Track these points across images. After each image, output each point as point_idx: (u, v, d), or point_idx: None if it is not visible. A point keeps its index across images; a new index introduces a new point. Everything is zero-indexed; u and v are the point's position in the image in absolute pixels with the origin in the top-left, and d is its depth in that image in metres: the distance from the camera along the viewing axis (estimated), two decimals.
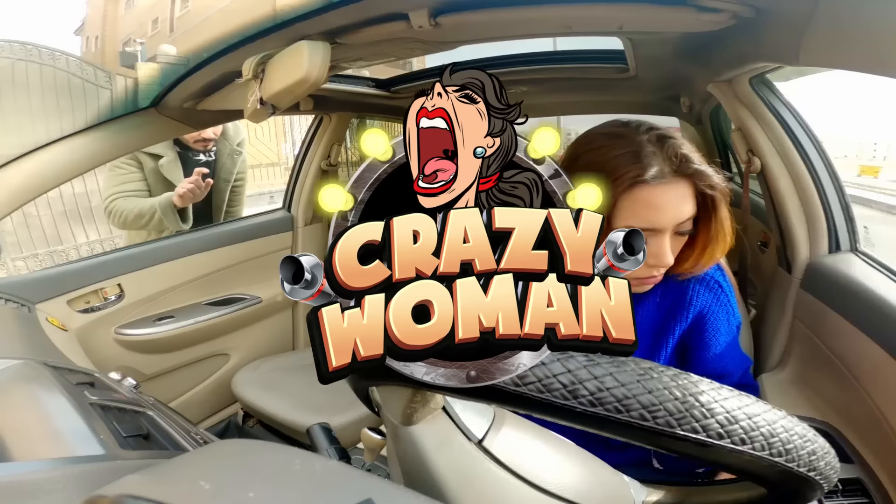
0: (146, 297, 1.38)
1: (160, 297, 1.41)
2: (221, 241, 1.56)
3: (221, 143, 1.83)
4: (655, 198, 0.61)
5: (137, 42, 1.01)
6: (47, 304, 1.19)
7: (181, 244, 1.48)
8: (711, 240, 0.66)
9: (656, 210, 0.61)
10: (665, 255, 0.63)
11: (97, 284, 1.29)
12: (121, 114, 0.98)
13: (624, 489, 0.42)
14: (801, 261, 1.01)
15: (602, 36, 1.12)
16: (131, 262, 1.36)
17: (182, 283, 1.45)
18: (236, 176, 1.90)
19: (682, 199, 0.61)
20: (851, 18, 0.57)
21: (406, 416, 0.37)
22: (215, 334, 1.54)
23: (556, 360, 0.28)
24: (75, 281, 1.26)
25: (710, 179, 0.61)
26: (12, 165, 0.90)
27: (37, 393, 0.52)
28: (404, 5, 0.77)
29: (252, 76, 0.84)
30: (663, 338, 0.73)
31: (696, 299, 0.71)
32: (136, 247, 1.46)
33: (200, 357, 1.52)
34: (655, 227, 0.62)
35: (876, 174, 7.34)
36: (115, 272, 1.32)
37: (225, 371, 1.59)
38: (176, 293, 1.45)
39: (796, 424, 0.30)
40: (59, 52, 0.96)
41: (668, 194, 0.61)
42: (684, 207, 0.62)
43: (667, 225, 0.62)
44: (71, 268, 1.31)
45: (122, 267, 1.34)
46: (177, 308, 1.45)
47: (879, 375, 0.75)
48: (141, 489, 0.23)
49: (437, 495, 0.36)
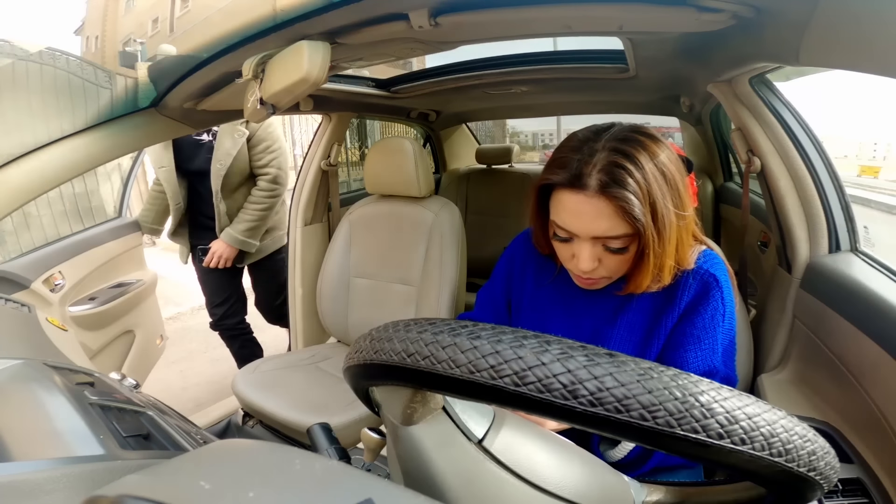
0: (78, 280, 1.60)
1: (86, 280, 1.64)
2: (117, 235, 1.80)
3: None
4: (569, 204, 0.64)
5: (137, 42, 1.01)
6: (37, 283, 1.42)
7: (95, 237, 1.73)
8: (640, 268, 0.67)
9: (568, 215, 0.64)
10: (580, 260, 0.66)
11: (50, 271, 1.51)
12: (121, 114, 0.98)
13: (624, 489, 0.43)
14: (801, 261, 1.01)
15: (602, 36, 1.12)
16: (62, 253, 1.58)
17: (95, 268, 1.69)
18: (256, 161, 1.83)
19: (596, 214, 0.62)
20: (851, 18, 0.57)
21: (406, 416, 0.37)
22: (126, 311, 1.77)
23: (556, 359, 0.28)
24: (41, 266, 1.47)
25: (632, 211, 0.60)
26: (12, 165, 0.90)
27: (37, 393, 0.52)
28: (404, 5, 0.77)
29: (252, 76, 0.83)
30: (655, 331, 0.74)
31: (688, 292, 0.71)
32: (68, 237, 1.68)
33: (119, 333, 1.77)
34: (570, 231, 0.65)
35: (876, 174, 7.34)
36: (55, 262, 1.54)
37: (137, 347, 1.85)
38: (93, 278, 1.68)
39: (796, 424, 0.30)
40: (59, 51, 0.96)
41: (582, 205, 0.62)
42: (599, 223, 0.62)
43: (579, 233, 0.65)
44: (31, 256, 1.50)
45: (59, 257, 1.56)
46: (98, 289, 1.69)
47: (879, 375, 0.75)
48: (141, 489, 0.23)
49: (437, 495, 0.36)
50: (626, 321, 0.75)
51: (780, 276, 1.09)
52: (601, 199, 0.61)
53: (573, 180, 0.62)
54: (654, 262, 0.64)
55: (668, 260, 0.65)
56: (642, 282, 0.68)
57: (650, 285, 0.69)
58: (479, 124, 3.39)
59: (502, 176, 2.53)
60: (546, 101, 2.12)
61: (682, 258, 0.69)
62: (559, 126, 11.37)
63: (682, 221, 0.65)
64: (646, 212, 0.61)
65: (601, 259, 0.67)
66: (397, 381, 0.34)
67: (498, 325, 0.31)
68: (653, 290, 0.70)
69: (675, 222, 0.63)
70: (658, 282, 0.68)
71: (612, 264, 0.68)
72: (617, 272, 0.69)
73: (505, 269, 0.89)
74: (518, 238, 0.89)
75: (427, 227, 1.48)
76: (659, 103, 1.88)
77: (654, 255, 0.63)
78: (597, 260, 0.66)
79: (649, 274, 0.66)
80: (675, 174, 0.63)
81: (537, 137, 13.49)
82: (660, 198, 0.61)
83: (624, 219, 0.61)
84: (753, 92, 1.01)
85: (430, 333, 0.31)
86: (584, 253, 0.65)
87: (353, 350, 0.37)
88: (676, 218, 0.64)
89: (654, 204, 0.61)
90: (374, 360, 0.34)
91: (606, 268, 0.68)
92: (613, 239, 0.64)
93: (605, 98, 1.96)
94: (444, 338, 0.31)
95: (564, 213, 0.65)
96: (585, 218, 0.63)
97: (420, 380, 0.31)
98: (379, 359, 0.33)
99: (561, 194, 0.65)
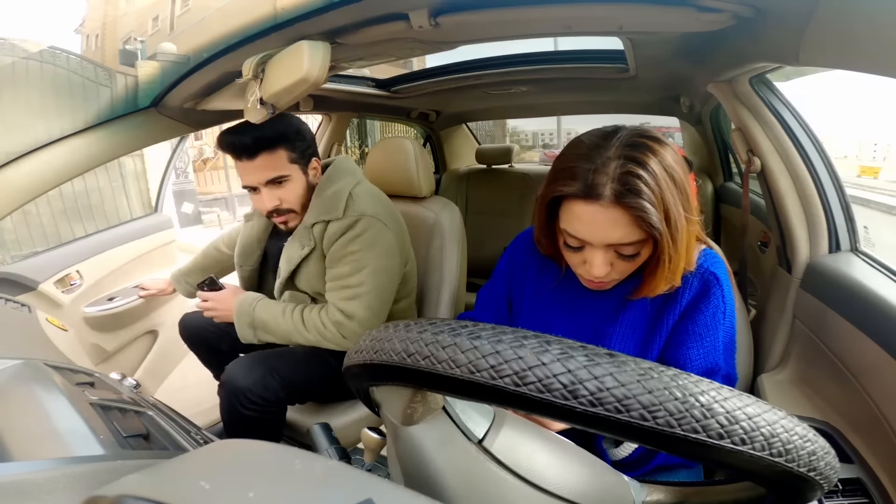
0: (97, 280, 1.57)
1: (106, 280, 1.60)
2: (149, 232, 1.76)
3: None
4: (583, 215, 0.63)
5: (137, 40, 1.01)
6: (46, 284, 1.38)
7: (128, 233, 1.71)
8: (654, 273, 0.67)
9: (582, 225, 0.64)
10: (593, 267, 0.66)
11: (65, 271, 1.47)
12: (121, 113, 0.98)
13: (624, 489, 0.42)
14: (801, 261, 1.01)
15: (602, 36, 1.12)
16: (82, 252, 1.55)
17: (118, 268, 1.65)
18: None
19: (612, 223, 0.62)
20: (851, 18, 0.57)
21: (406, 416, 0.37)
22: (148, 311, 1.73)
23: (557, 360, 0.28)
24: (53, 267, 1.44)
25: (649, 219, 0.60)
26: (12, 165, 0.90)
27: (37, 393, 0.52)
28: (404, 5, 0.77)
29: (252, 76, 0.83)
30: (657, 330, 0.74)
31: (689, 291, 0.72)
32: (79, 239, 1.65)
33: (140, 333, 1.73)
34: (583, 240, 0.65)
35: (876, 174, 7.34)
36: (73, 261, 1.51)
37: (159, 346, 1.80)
38: (116, 276, 1.65)
39: (796, 424, 0.30)
40: (59, 49, 0.96)
41: (596, 215, 0.62)
42: (614, 232, 0.62)
43: (593, 241, 0.64)
44: (44, 257, 1.47)
45: (78, 256, 1.53)
46: (119, 289, 1.64)
47: (879, 375, 0.75)
48: (141, 489, 0.23)
49: (437, 495, 0.36)
50: (627, 320, 0.75)
51: (780, 276, 1.09)
52: (616, 208, 0.61)
53: (587, 191, 0.61)
54: (670, 267, 0.65)
55: (681, 262, 0.66)
56: (657, 286, 0.68)
57: (663, 289, 0.69)
58: (479, 124, 3.39)
59: (502, 176, 2.53)
60: (546, 101, 2.12)
61: (690, 259, 0.69)
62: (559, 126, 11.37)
63: (691, 223, 0.65)
64: (661, 218, 0.61)
65: (613, 264, 0.67)
66: (397, 381, 0.34)
67: (498, 325, 0.31)
68: (661, 292, 0.71)
69: (685, 225, 0.64)
70: (670, 285, 0.69)
71: (623, 268, 0.68)
72: (626, 273, 0.70)
73: (506, 268, 0.89)
74: (519, 237, 0.89)
75: (428, 227, 1.48)
76: (659, 103, 1.88)
77: (669, 259, 0.64)
78: (609, 265, 0.67)
79: (665, 278, 0.66)
80: (682, 176, 0.64)
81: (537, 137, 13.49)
82: (672, 202, 0.61)
83: (639, 226, 0.61)
84: (753, 92, 1.01)
85: (430, 333, 0.31)
86: (597, 260, 0.65)
87: (354, 350, 0.37)
88: (686, 221, 0.64)
89: (668, 209, 0.61)
90: (374, 360, 0.34)
91: (618, 271, 0.68)
92: (627, 245, 0.64)
93: (605, 98, 1.96)
94: (444, 338, 0.31)
95: (578, 223, 0.64)
96: (600, 227, 0.63)
97: (420, 380, 0.31)
98: (379, 359, 0.33)
99: (573, 205, 0.64)
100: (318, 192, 1.17)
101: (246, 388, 1.05)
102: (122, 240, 1.68)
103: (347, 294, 1.12)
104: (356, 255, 1.12)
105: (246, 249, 1.32)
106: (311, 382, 1.16)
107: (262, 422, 1.06)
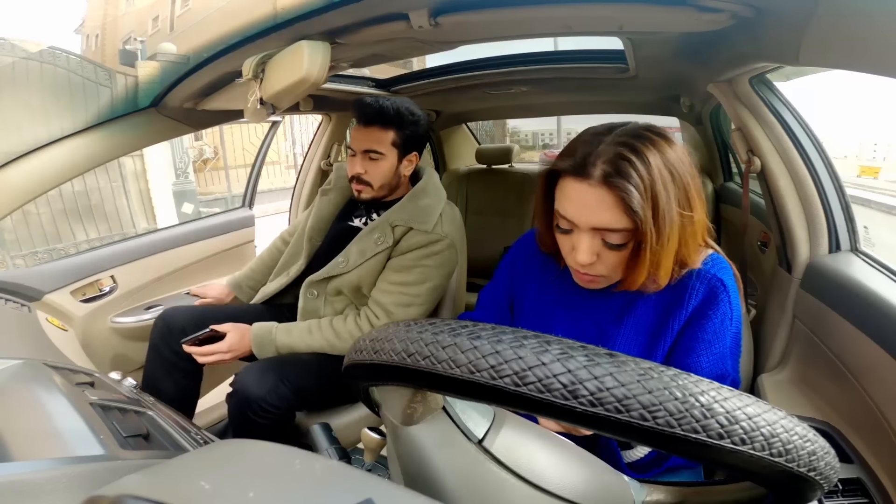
0: (135, 287, 1.49)
1: (147, 288, 1.53)
2: (193, 238, 1.68)
3: None
4: (572, 193, 0.64)
5: (138, 40, 1.01)
6: (53, 294, 1.28)
7: (164, 239, 1.60)
8: (635, 264, 0.66)
9: (571, 204, 0.65)
10: (578, 252, 0.66)
11: (93, 277, 1.39)
12: (121, 113, 0.98)
13: (624, 489, 0.42)
14: (801, 261, 1.01)
15: (602, 36, 1.12)
16: (122, 256, 1.48)
17: (166, 274, 1.57)
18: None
19: (597, 203, 0.62)
20: (851, 19, 0.57)
21: (406, 416, 0.37)
22: None
23: (557, 360, 0.28)
24: (74, 273, 1.35)
25: (631, 202, 0.60)
26: (12, 165, 0.90)
27: (37, 393, 0.52)
28: (404, 5, 0.77)
29: (252, 76, 0.84)
30: (662, 332, 0.73)
31: (695, 296, 0.71)
32: (126, 241, 1.57)
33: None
34: (571, 221, 0.65)
35: (876, 174, 7.34)
36: (108, 265, 1.43)
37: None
38: (160, 284, 1.56)
39: (796, 424, 0.30)
40: (59, 49, 0.96)
41: (585, 194, 0.63)
42: (600, 214, 0.62)
43: (579, 222, 0.65)
44: (70, 261, 1.39)
45: (113, 260, 1.45)
46: (162, 297, 1.56)
47: (879, 375, 0.75)
48: (141, 489, 0.23)
49: (437, 495, 0.36)
50: (631, 321, 0.75)
51: (780, 276, 1.09)
52: (603, 188, 0.61)
53: (578, 168, 0.62)
54: (651, 260, 0.64)
55: (666, 260, 0.65)
56: (637, 278, 0.67)
57: (647, 285, 0.69)
58: (479, 124, 3.39)
59: (502, 176, 2.53)
60: (546, 101, 2.12)
61: (686, 259, 0.69)
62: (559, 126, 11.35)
63: (688, 222, 0.65)
64: (646, 207, 0.60)
65: (599, 254, 0.67)
66: (397, 381, 0.34)
67: (498, 325, 0.31)
68: (650, 290, 0.70)
69: (677, 221, 0.63)
70: (654, 282, 0.68)
71: (609, 261, 0.67)
72: (614, 271, 0.69)
73: (508, 268, 0.89)
74: (522, 238, 0.89)
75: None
76: (659, 103, 1.88)
77: (650, 251, 0.63)
78: (595, 254, 0.66)
79: (644, 271, 0.66)
80: (684, 175, 0.63)
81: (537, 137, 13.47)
82: (663, 195, 0.61)
83: (624, 212, 0.61)
84: (753, 92, 1.01)
85: (430, 333, 0.31)
86: (582, 244, 0.65)
87: (353, 350, 0.37)
88: (680, 218, 0.63)
89: (657, 200, 0.61)
90: (374, 360, 0.34)
91: (604, 264, 0.68)
92: (612, 233, 0.64)
93: (605, 98, 1.96)
94: (444, 338, 0.31)
95: (567, 201, 0.65)
96: (587, 207, 0.63)
97: (420, 380, 0.31)
98: (379, 359, 0.33)
99: (566, 182, 0.65)
100: (412, 198, 1.23)
101: (259, 398, 1.04)
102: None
103: (404, 300, 1.17)
104: (427, 270, 1.18)
105: (320, 223, 1.36)
106: (322, 389, 1.17)
107: (272, 430, 1.07)
